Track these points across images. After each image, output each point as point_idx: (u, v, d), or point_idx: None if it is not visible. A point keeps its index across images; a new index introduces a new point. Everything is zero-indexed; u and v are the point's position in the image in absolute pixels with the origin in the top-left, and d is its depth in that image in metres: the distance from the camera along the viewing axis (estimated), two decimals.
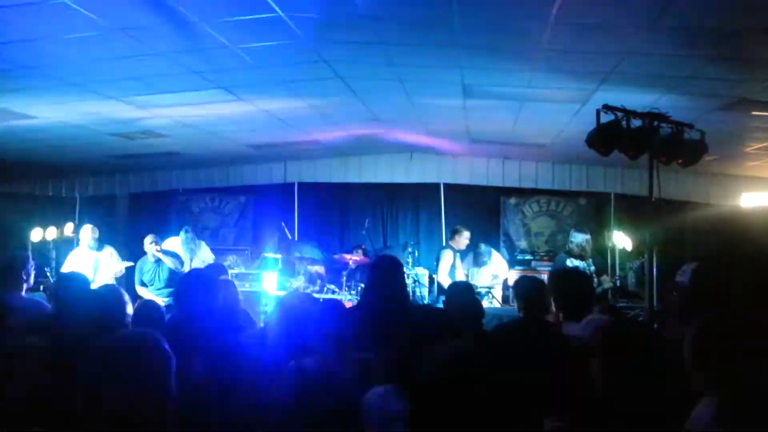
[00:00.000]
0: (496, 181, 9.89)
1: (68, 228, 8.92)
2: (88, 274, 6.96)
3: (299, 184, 10.43)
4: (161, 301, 6.68)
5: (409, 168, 10.13)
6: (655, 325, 4.82)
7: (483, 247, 8.19)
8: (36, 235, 8.30)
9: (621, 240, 8.20)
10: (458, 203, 9.91)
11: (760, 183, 9.22)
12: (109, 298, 3.47)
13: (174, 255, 7.28)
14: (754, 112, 5.63)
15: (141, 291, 7.07)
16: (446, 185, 10.00)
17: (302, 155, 9.99)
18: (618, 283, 7.56)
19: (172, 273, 7.01)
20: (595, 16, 3.71)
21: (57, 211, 10.20)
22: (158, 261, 7.10)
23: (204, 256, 7.90)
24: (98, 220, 9.74)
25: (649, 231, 5.10)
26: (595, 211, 9.68)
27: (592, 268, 7.17)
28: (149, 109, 6.29)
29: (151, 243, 7.04)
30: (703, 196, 9.21)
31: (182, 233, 7.92)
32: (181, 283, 3.46)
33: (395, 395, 2.17)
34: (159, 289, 7.01)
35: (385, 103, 6.57)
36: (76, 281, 4.03)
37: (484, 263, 8.10)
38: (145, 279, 7.06)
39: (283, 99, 6.16)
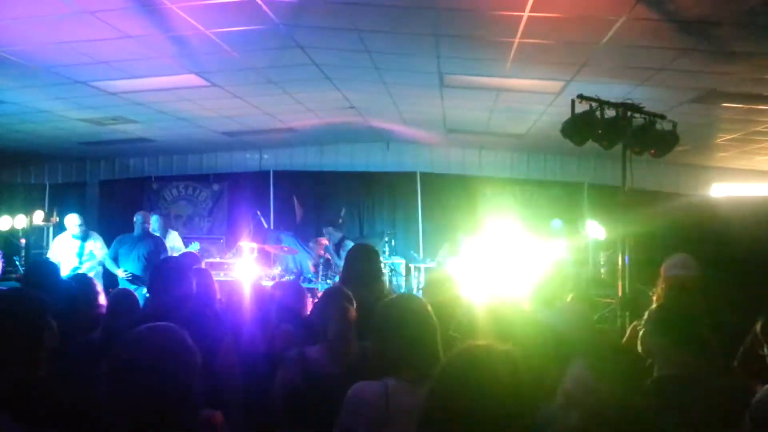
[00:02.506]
0: (472, 171, 9.93)
1: (37, 216, 8.72)
2: (74, 261, 6.89)
3: (275, 172, 10.35)
4: (122, 273, 6.67)
5: (385, 157, 10.12)
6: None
7: (460, 237, 8.26)
8: (4, 223, 8.10)
9: (594, 230, 8.30)
10: (435, 192, 9.94)
11: (729, 173, 9.41)
12: (80, 287, 3.42)
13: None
14: (724, 104, 5.73)
15: (109, 264, 6.94)
16: (423, 174, 10.01)
17: (278, 143, 9.90)
18: None
19: (150, 254, 6.86)
20: (571, 7, 3.72)
21: (26, 198, 9.97)
22: (140, 237, 6.92)
23: (174, 244, 7.80)
24: (68, 208, 9.55)
25: (622, 220, 5.16)
26: (568, 201, 9.79)
27: None
28: (119, 94, 6.16)
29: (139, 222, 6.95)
30: (674, 187, 9.37)
31: (154, 220, 7.80)
32: (155, 272, 3.41)
33: (396, 388, 2.12)
34: (132, 263, 6.84)
35: (361, 92, 6.53)
36: (47, 270, 3.95)
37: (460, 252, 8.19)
38: (122, 253, 6.91)
39: (257, 85, 6.07)
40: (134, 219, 6.98)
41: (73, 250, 7.01)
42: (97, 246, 7.19)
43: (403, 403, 2.09)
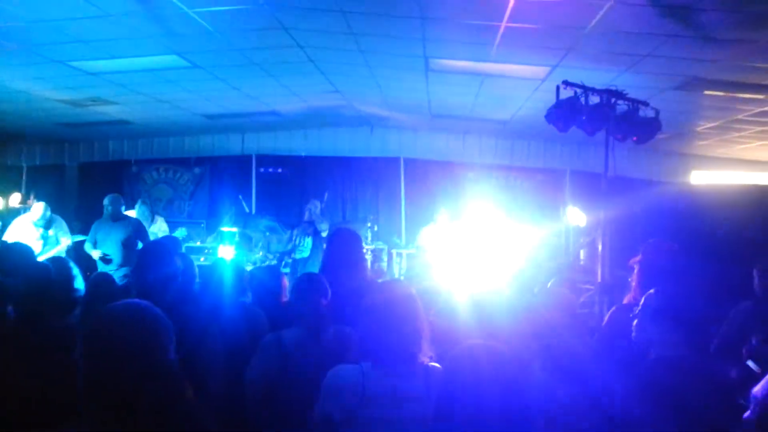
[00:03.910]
0: (456, 156, 9.93)
1: (14, 198, 8.57)
2: (37, 247, 6.70)
3: (257, 156, 10.25)
4: (96, 254, 6.50)
5: (369, 142, 10.07)
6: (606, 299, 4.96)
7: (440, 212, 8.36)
8: None
9: (575, 216, 8.37)
10: (418, 178, 9.93)
11: (709, 161, 9.53)
12: (55, 270, 3.35)
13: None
14: (706, 92, 5.77)
15: (88, 247, 6.81)
16: (406, 160, 9.99)
17: (260, 127, 9.80)
18: None
19: (128, 238, 6.75)
20: None
21: (2, 180, 9.80)
22: (115, 222, 6.79)
23: (161, 229, 7.74)
24: (46, 190, 9.42)
25: (603, 207, 5.20)
26: (551, 187, 9.85)
27: None
28: (98, 75, 6.03)
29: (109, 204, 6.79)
30: (654, 174, 9.47)
31: (138, 205, 7.70)
32: (141, 254, 3.38)
33: (372, 374, 2.12)
34: (109, 248, 6.71)
35: (345, 75, 6.47)
36: (20, 253, 3.87)
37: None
38: (99, 238, 6.80)
39: (240, 67, 5.98)
40: (103, 203, 6.80)
41: (35, 235, 6.83)
42: (60, 233, 7.01)
43: (380, 387, 2.10)
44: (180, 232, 7.91)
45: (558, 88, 4.76)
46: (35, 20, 4.46)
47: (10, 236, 6.82)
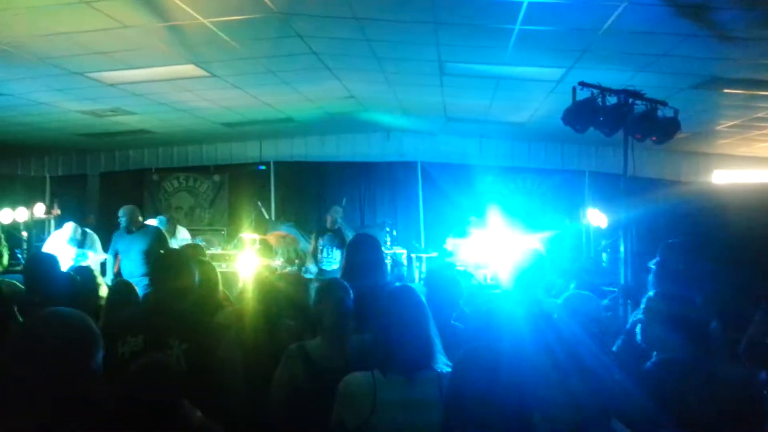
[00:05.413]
0: (473, 160, 9.90)
1: (38, 209, 8.71)
2: (69, 261, 6.74)
3: (275, 162, 10.32)
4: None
5: (386, 147, 10.08)
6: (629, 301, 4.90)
7: (472, 220, 8.32)
8: (5, 216, 8.08)
9: (595, 218, 8.29)
10: (435, 182, 9.91)
11: (730, 160, 9.39)
12: (81, 279, 3.42)
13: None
14: (725, 90, 5.69)
15: (109, 261, 6.87)
16: (423, 163, 9.99)
17: (278, 134, 9.87)
18: None
19: (150, 248, 6.80)
20: None
21: (27, 191, 9.96)
22: (135, 233, 6.83)
23: (183, 239, 7.83)
24: (69, 200, 9.57)
25: (624, 208, 5.14)
26: (570, 189, 9.77)
27: None
28: (117, 86, 6.13)
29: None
30: (675, 174, 9.35)
31: (158, 220, 7.77)
32: (156, 263, 3.40)
33: (384, 381, 2.14)
34: (133, 259, 6.77)
35: (361, 81, 6.50)
36: (47, 263, 3.94)
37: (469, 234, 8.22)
38: (121, 249, 6.85)
39: (256, 75, 6.04)
40: (118, 215, 6.80)
41: (70, 254, 6.91)
42: (90, 255, 7.06)
43: (391, 394, 2.12)
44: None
45: (574, 89, 4.73)
46: (55, 33, 4.54)
47: (49, 249, 6.88)
